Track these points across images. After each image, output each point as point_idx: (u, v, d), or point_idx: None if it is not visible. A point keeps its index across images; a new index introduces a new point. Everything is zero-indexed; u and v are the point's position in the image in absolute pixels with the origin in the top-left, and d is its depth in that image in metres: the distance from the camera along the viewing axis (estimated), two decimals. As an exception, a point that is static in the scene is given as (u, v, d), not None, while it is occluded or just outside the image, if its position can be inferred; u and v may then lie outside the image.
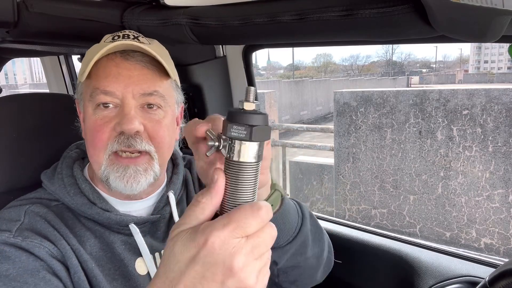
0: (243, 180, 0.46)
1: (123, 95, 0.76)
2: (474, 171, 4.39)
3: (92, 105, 0.77)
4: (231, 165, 0.46)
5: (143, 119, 0.77)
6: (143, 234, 0.82)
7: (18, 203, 0.81)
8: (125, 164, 0.76)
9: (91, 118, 0.78)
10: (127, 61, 0.77)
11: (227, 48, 1.35)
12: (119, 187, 0.77)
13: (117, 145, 0.76)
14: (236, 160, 0.45)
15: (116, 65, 0.76)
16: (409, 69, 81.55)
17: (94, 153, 0.78)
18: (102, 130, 0.76)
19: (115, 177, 0.76)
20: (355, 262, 1.25)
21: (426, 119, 4.54)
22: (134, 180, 0.77)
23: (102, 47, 0.77)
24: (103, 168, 0.77)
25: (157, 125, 0.79)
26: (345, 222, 1.37)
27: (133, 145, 0.76)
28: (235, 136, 0.44)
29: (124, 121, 0.74)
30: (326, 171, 5.69)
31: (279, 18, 0.72)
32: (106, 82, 0.76)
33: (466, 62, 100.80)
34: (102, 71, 0.76)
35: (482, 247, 4.46)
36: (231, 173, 0.46)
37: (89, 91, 0.78)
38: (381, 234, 1.26)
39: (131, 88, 0.76)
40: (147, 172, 0.78)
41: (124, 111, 0.75)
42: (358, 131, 4.98)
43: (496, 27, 0.53)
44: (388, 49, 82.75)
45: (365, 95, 4.89)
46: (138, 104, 0.77)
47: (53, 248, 0.73)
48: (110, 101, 0.76)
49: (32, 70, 59.78)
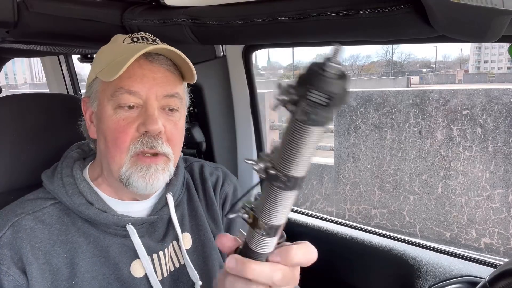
0: (308, 144, 0.42)
1: (147, 96, 0.77)
2: (474, 171, 4.39)
3: (113, 105, 0.77)
4: (301, 127, 0.41)
5: (163, 120, 0.79)
6: (141, 235, 0.82)
7: (13, 209, 0.80)
8: (148, 163, 0.78)
9: (112, 118, 0.77)
10: (152, 63, 0.79)
11: (227, 48, 1.35)
12: (140, 186, 0.78)
13: (140, 145, 0.77)
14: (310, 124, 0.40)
15: (140, 66, 0.77)
16: (409, 69, 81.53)
17: (116, 154, 0.78)
18: (126, 131, 0.76)
19: (137, 176, 0.77)
20: (355, 262, 1.25)
21: (426, 119, 4.54)
22: (154, 178, 0.78)
23: (127, 48, 0.79)
24: (125, 169, 0.77)
25: (174, 128, 0.81)
26: (345, 222, 1.37)
27: (155, 146, 0.77)
28: (312, 103, 0.39)
29: (149, 121, 0.76)
30: (326, 171, 5.69)
31: (279, 18, 0.72)
32: (131, 81, 0.76)
33: (466, 62, 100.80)
34: (125, 71, 0.76)
35: (482, 247, 4.46)
36: (296, 135, 0.42)
37: (109, 90, 0.78)
38: (381, 234, 1.26)
39: (155, 89, 0.77)
40: (164, 171, 0.80)
41: (149, 111, 0.77)
42: (358, 131, 4.99)
43: (496, 27, 0.53)
44: (388, 49, 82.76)
45: (365, 95, 4.90)
46: (160, 105, 0.79)
47: (19, 277, 0.73)
48: (134, 101, 0.77)
49: (32, 70, 59.79)
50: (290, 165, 0.45)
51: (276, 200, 0.48)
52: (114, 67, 0.76)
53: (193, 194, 0.96)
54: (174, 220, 0.87)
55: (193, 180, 0.99)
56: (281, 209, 0.48)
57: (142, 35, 0.84)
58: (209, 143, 1.39)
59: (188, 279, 0.85)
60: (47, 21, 0.96)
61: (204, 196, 0.97)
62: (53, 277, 0.75)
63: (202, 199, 0.97)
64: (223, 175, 1.02)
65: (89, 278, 0.77)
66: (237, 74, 1.37)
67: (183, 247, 0.86)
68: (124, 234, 0.81)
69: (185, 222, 0.91)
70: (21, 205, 0.81)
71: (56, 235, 0.78)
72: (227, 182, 1.01)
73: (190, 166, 1.02)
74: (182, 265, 0.86)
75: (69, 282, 0.76)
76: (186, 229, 0.90)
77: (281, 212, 0.49)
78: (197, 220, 0.92)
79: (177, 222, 0.87)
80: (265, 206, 0.48)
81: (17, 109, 0.99)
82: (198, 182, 0.99)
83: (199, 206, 0.95)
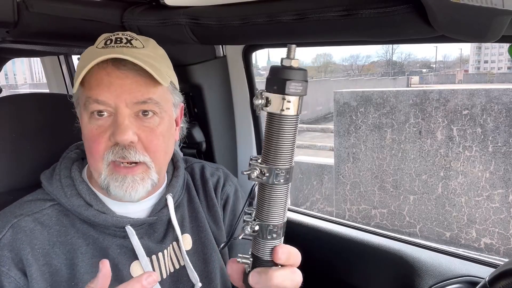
0: (288, 133, 0.51)
1: (116, 105, 0.74)
2: (474, 171, 4.39)
3: (87, 113, 0.77)
4: (285, 119, 0.50)
5: (137, 128, 0.76)
6: (140, 236, 0.82)
7: (12, 210, 0.80)
8: (123, 174, 0.77)
9: (87, 126, 0.77)
10: (119, 69, 0.74)
11: (227, 48, 1.35)
12: (119, 195, 0.78)
13: (113, 156, 0.75)
14: (292, 114, 0.50)
15: (107, 74, 0.75)
16: (409, 69, 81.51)
17: (94, 162, 0.78)
18: (98, 140, 0.76)
19: (114, 186, 0.77)
20: (355, 262, 1.25)
21: (426, 119, 4.54)
22: (132, 189, 0.77)
23: (93, 54, 0.76)
24: (103, 177, 0.77)
25: (151, 135, 0.78)
26: (345, 222, 1.36)
27: (127, 156, 0.75)
28: (293, 93, 0.49)
29: (117, 132, 0.73)
30: (326, 171, 5.68)
31: (279, 18, 0.72)
32: (98, 91, 0.74)
33: (466, 62, 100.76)
34: (94, 80, 0.75)
35: (482, 247, 4.46)
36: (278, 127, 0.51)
37: (82, 99, 0.77)
38: (381, 234, 1.26)
39: (123, 97, 0.74)
40: (144, 180, 0.78)
41: (118, 121, 0.74)
42: (358, 131, 4.99)
43: (496, 27, 0.53)
44: (388, 49, 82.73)
45: (365, 95, 4.89)
46: (133, 112, 0.76)
47: (20, 278, 0.73)
48: (104, 109, 0.75)
49: (32, 70, 59.77)
50: (285, 157, 0.52)
51: (279, 197, 0.54)
52: (77, 77, 0.74)
53: (194, 195, 0.96)
54: (174, 222, 0.86)
55: (194, 181, 0.98)
56: (284, 205, 0.55)
57: (118, 36, 0.79)
58: (209, 143, 1.39)
59: (188, 281, 0.85)
60: (47, 21, 0.96)
61: (205, 197, 0.97)
62: (52, 278, 0.75)
63: (202, 200, 0.96)
64: (224, 176, 1.02)
65: (89, 279, 0.76)
66: (237, 74, 1.37)
67: (183, 249, 0.85)
68: (123, 235, 0.81)
69: (185, 223, 0.90)
70: (20, 207, 0.81)
71: (56, 237, 0.78)
72: (228, 183, 1.01)
73: (191, 167, 1.02)
74: (182, 267, 0.86)
75: (68, 283, 0.76)
76: (186, 230, 0.90)
77: (284, 208, 0.55)
78: (197, 221, 0.92)
79: (176, 224, 0.86)
80: (270, 209, 0.54)
81: (17, 109, 0.99)
82: (198, 183, 0.98)
83: (200, 207, 0.94)
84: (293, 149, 0.53)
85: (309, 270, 0.68)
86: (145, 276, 0.56)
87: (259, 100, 0.50)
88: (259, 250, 0.57)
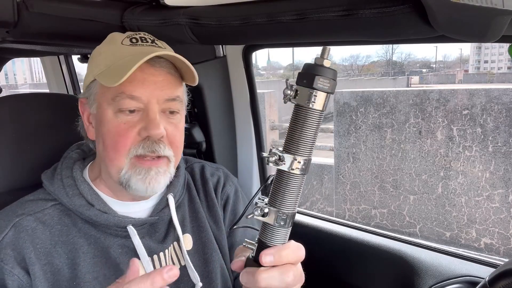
0: (311, 125, 0.54)
1: (148, 100, 0.77)
2: (474, 171, 4.39)
3: (113, 109, 0.77)
4: (311, 112, 0.53)
5: (164, 124, 0.79)
6: (141, 236, 0.82)
7: (13, 209, 0.80)
8: (147, 166, 0.78)
9: (113, 121, 0.77)
10: (153, 67, 0.78)
11: (227, 48, 1.35)
12: (140, 189, 0.78)
13: (142, 149, 0.77)
14: (317, 108, 0.53)
15: (141, 70, 0.76)
16: (409, 69, 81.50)
17: (115, 157, 0.78)
18: (126, 135, 0.77)
19: (137, 179, 0.77)
20: (355, 262, 1.25)
21: (426, 119, 4.54)
22: (155, 181, 0.79)
23: (127, 50, 0.78)
24: (124, 172, 0.78)
25: (176, 130, 0.82)
26: (345, 222, 1.36)
27: (157, 150, 0.77)
28: (320, 88, 0.52)
29: (151, 126, 0.76)
30: (326, 171, 5.68)
31: (279, 18, 0.72)
32: (132, 86, 0.76)
33: (466, 62, 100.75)
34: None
35: (482, 247, 4.47)
36: (303, 119, 0.53)
37: (110, 94, 0.77)
38: (381, 234, 1.26)
39: (156, 93, 0.77)
40: (165, 174, 0.81)
41: (150, 116, 0.76)
42: (358, 131, 4.99)
43: (496, 27, 0.53)
44: (388, 49, 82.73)
45: (365, 95, 4.90)
46: (161, 109, 0.79)
47: (23, 276, 0.73)
48: (135, 106, 0.77)
49: (32, 70, 59.79)
50: (304, 148, 0.54)
51: (293, 186, 0.56)
52: (115, 72, 0.75)
53: (194, 195, 0.96)
54: (175, 221, 0.86)
55: (194, 181, 0.99)
56: (297, 195, 0.57)
57: (140, 36, 0.83)
58: (209, 143, 1.39)
59: (189, 280, 0.85)
60: (47, 21, 0.96)
61: (205, 197, 0.97)
62: (54, 278, 0.75)
63: (203, 200, 0.97)
64: (224, 176, 1.02)
65: (90, 278, 0.77)
66: (237, 74, 1.37)
67: (184, 248, 0.86)
68: (125, 235, 0.81)
69: (186, 223, 0.90)
70: (22, 206, 0.81)
71: (57, 236, 0.78)
72: (228, 183, 1.01)
73: (191, 167, 1.02)
74: (182, 266, 0.86)
75: (70, 283, 0.76)
76: (187, 230, 0.90)
77: (296, 199, 0.57)
78: (198, 221, 0.92)
79: (178, 223, 0.87)
80: (284, 196, 0.56)
81: (17, 109, 0.99)
82: (199, 183, 0.99)
83: (200, 207, 0.95)
84: (313, 142, 0.55)
85: (310, 270, 0.68)
86: (167, 269, 0.55)
87: (288, 91, 0.53)
88: (265, 236, 0.58)
